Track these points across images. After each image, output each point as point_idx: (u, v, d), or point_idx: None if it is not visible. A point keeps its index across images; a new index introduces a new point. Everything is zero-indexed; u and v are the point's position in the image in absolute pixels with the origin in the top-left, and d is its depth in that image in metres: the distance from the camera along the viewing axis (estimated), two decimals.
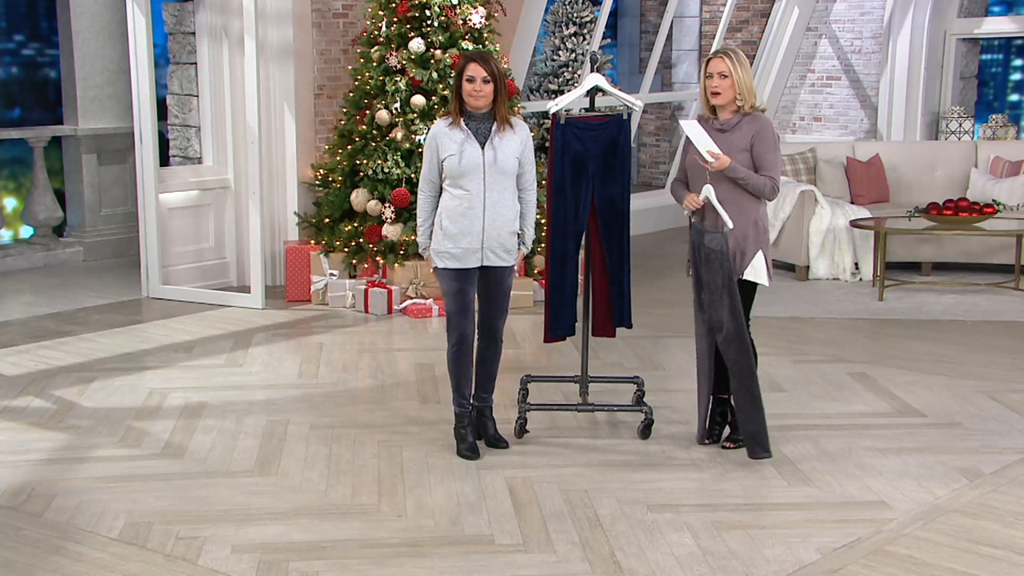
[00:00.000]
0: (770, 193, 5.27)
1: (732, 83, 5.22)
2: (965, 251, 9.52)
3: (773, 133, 5.30)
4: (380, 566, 4.29)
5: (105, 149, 10.38)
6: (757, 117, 5.28)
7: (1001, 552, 4.44)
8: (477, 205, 5.24)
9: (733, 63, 5.20)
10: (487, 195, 5.24)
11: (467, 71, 5.21)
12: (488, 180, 5.24)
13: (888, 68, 12.06)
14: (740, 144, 5.24)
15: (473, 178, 5.22)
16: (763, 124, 5.27)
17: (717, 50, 5.31)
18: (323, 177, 8.76)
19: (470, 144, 5.22)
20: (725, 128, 5.27)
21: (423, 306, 8.25)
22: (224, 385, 6.59)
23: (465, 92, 5.22)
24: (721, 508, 4.86)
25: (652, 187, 13.28)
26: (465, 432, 5.45)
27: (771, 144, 5.27)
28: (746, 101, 5.25)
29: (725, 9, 12.49)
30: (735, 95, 5.24)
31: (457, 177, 5.23)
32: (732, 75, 5.21)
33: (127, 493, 4.97)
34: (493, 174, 5.25)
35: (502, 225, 5.29)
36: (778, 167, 5.29)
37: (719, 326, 5.29)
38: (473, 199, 5.24)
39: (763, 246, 5.29)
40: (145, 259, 8.83)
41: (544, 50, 11.43)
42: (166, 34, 9.42)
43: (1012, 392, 6.51)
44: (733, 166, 5.19)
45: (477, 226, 5.25)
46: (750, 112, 5.27)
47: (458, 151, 5.21)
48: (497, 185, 5.26)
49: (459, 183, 5.24)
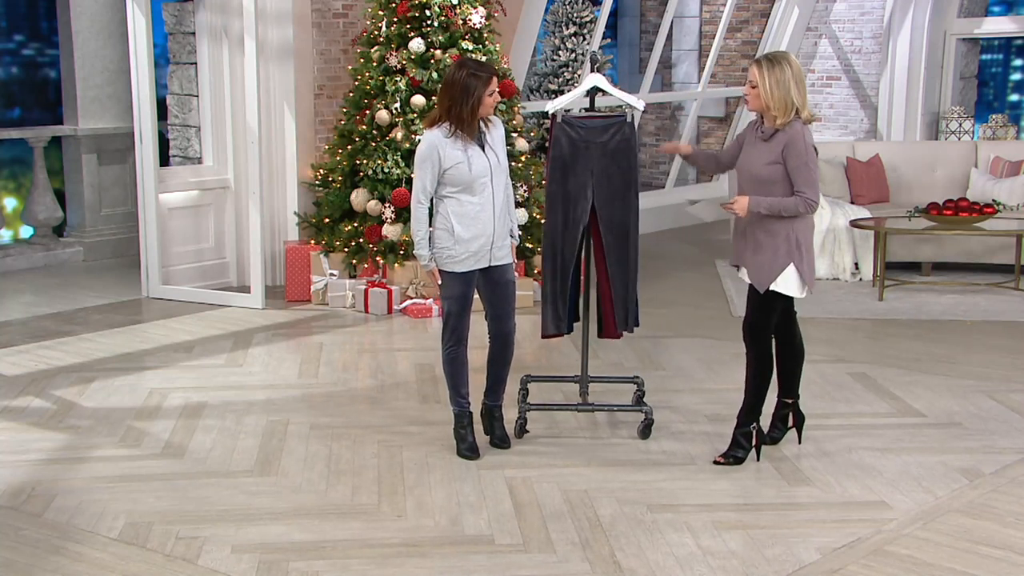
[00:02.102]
0: (805, 209, 5.11)
1: (759, 93, 5.10)
2: (965, 251, 9.52)
3: (804, 144, 5.10)
4: (380, 566, 4.29)
5: (105, 149, 10.38)
6: (791, 127, 5.11)
7: (1001, 552, 4.44)
8: (488, 207, 5.27)
9: (762, 73, 5.07)
10: (495, 196, 5.29)
11: (491, 86, 5.18)
12: (495, 182, 5.28)
13: (888, 68, 12.06)
14: (773, 155, 5.12)
15: (483, 183, 5.24)
16: (792, 136, 5.09)
17: (759, 56, 5.19)
18: (323, 177, 8.76)
19: (473, 150, 5.23)
20: (765, 136, 5.19)
21: (423, 306, 8.25)
22: (224, 385, 6.59)
23: (488, 106, 5.20)
24: (721, 508, 4.86)
25: (652, 187, 13.28)
26: (465, 432, 5.45)
27: (801, 156, 5.08)
28: (779, 113, 5.08)
29: (725, 9, 12.50)
30: (763, 106, 5.13)
31: (468, 184, 5.22)
32: (760, 87, 5.09)
33: (127, 493, 4.97)
34: (499, 175, 5.30)
35: (505, 222, 5.37)
36: (812, 180, 5.10)
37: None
38: (485, 202, 5.26)
39: (796, 259, 5.19)
40: (145, 259, 8.83)
41: (544, 50, 11.43)
42: (166, 34, 9.42)
43: (1012, 392, 6.51)
44: (754, 204, 5.12)
45: (489, 228, 5.28)
46: (783, 126, 5.11)
47: (465, 159, 5.20)
48: (500, 185, 5.32)
49: (470, 189, 5.23)
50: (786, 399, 5.58)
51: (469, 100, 5.14)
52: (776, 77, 5.06)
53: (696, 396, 6.29)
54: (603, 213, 5.63)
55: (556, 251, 5.65)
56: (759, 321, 5.29)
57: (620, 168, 5.62)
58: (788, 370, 5.54)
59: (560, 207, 5.63)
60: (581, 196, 5.62)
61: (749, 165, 5.25)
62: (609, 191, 5.62)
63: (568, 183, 5.62)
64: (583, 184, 5.62)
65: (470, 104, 5.15)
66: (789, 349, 5.52)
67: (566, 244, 5.65)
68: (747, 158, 5.28)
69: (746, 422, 5.36)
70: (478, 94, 5.15)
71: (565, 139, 5.61)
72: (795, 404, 5.59)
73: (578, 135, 5.61)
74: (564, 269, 5.66)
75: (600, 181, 5.62)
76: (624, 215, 5.63)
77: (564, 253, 5.65)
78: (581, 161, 5.61)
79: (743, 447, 5.36)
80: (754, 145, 5.26)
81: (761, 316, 5.29)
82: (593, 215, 5.65)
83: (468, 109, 5.15)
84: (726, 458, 5.36)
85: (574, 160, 5.61)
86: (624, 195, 5.62)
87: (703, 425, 5.86)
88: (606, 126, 5.62)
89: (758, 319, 5.29)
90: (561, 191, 5.63)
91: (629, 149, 5.63)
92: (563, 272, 5.66)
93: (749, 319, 5.33)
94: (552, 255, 5.66)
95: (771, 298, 5.24)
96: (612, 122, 5.63)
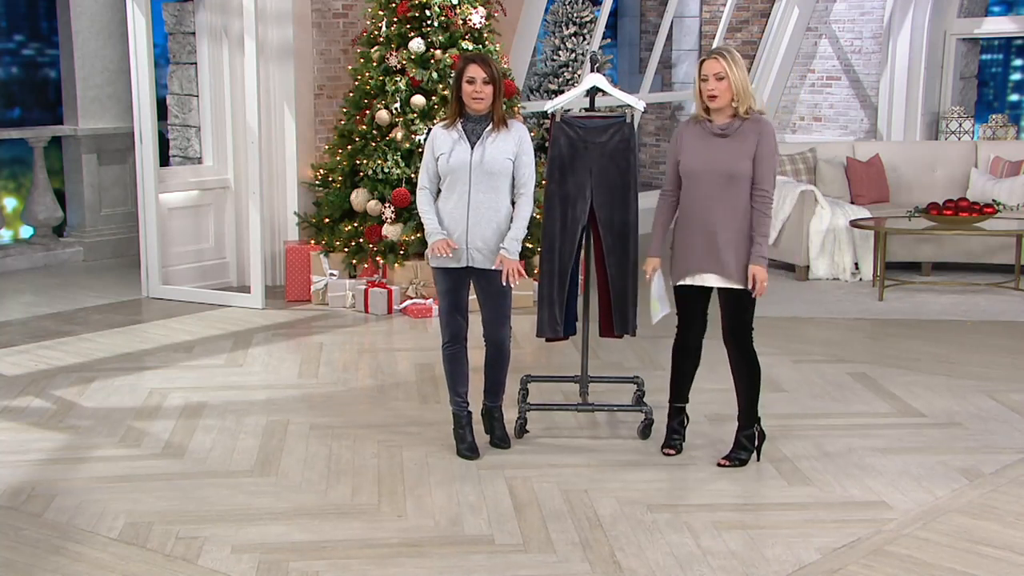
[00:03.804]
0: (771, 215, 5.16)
1: (729, 84, 5.01)
2: (965, 251, 9.52)
3: (776, 140, 5.13)
4: (380, 566, 4.29)
5: (105, 149, 10.38)
6: (760, 121, 5.09)
7: (1001, 552, 4.44)
8: (462, 205, 5.26)
9: (729, 64, 4.99)
10: (472, 195, 5.25)
11: (467, 72, 5.20)
12: (474, 180, 5.24)
13: (888, 68, 12.06)
14: (746, 150, 5.05)
15: (459, 178, 5.24)
16: (768, 130, 5.08)
17: (712, 50, 5.09)
18: (323, 177, 8.76)
19: (460, 144, 5.24)
20: (727, 132, 5.08)
21: (423, 306, 8.24)
22: (224, 385, 6.59)
23: (465, 94, 5.22)
24: (721, 508, 4.86)
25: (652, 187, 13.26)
26: (464, 432, 5.45)
27: (773, 152, 5.08)
28: (742, 103, 5.05)
29: (725, 9, 12.49)
30: (732, 97, 5.05)
31: (446, 176, 5.27)
32: (728, 76, 4.99)
33: (127, 493, 4.97)
34: (479, 174, 5.23)
35: (486, 226, 5.25)
36: (775, 172, 5.13)
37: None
38: (459, 199, 5.26)
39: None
40: (145, 259, 8.83)
41: (544, 50, 11.43)
42: (166, 34, 9.42)
43: (1012, 392, 6.51)
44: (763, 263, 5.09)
45: (462, 225, 5.26)
46: (748, 115, 5.09)
47: (448, 151, 5.23)
48: (483, 185, 5.24)
49: (448, 182, 5.28)
50: (682, 404, 5.55)
51: (455, 87, 5.27)
52: (740, 65, 5.04)
53: (696, 396, 6.27)
54: (602, 214, 5.63)
55: (554, 252, 5.65)
56: (748, 322, 5.26)
57: (619, 169, 5.61)
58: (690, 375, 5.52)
59: (558, 207, 5.63)
60: (580, 196, 5.61)
61: (717, 164, 5.09)
62: (608, 192, 5.62)
63: (567, 183, 5.61)
64: (582, 184, 5.61)
65: (454, 92, 5.28)
66: (698, 357, 5.49)
67: (564, 244, 5.64)
68: (709, 158, 5.11)
69: (749, 424, 5.36)
70: (456, 82, 5.24)
71: (564, 139, 5.61)
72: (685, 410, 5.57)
73: (577, 135, 5.60)
74: (562, 270, 5.65)
75: (599, 182, 5.61)
76: (624, 216, 5.62)
77: (562, 254, 5.64)
78: (580, 161, 5.60)
79: (747, 448, 5.36)
80: (711, 143, 5.11)
81: (747, 317, 5.25)
82: (592, 216, 5.65)
83: (453, 96, 5.29)
84: (731, 460, 5.34)
85: (573, 160, 5.61)
86: (623, 196, 5.61)
87: (703, 425, 5.86)
88: (605, 126, 5.61)
89: (746, 320, 5.26)
90: (559, 191, 5.62)
91: (628, 150, 5.62)
92: (561, 273, 5.65)
93: (733, 323, 5.25)
94: (550, 256, 5.65)
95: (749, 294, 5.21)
96: (611, 122, 5.62)
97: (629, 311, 5.68)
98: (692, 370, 5.50)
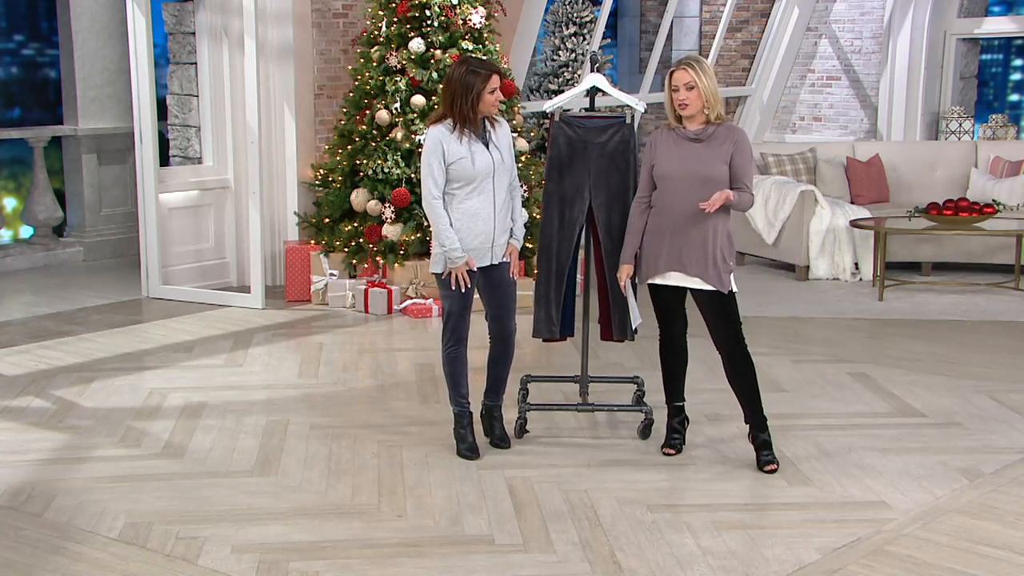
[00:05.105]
0: (750, 206, 5.22)
1: (699, 93, 5.09)
2: (965, 251, 9.52)
3: (750, 142, 5.25)
4: (380, 566, 4.29)
5: (105, 149, 10.38)
6: (732, 128, 5.20)
7: (1001, 552, 4.44)
8: (488, 205, 5.26)
9: (698, 73, 5.08)
10: (496, 194, 5.28)
11: (491, 83, 5.18)
12: (497, 179, 5.27)
13: (888, 68, 12.05)
14: (722, 155, 5.14)
15: (485, 179, 5.24)
16: (741, 134, 5.20)
17: (680, 60, 5.18)
18: (323, 177, 8.76)
19: (477, 146, 5.22)
20: (701, 137, 5.16)
21: (423, 306, 8.25)
22: (224, 385, 6.59)
23: (489, 104, 5.20)
24: (721, 508, 4.86)
25: None
26: (465, 432, 5.45)
27: (749, 154, 5.20)
28: (713, 109, 5.14)
29: (725, 9, 12.49)
30: (703, 105, 5.13)
31: (470, 180, 5.22)
32: (698, 85, 5.08)
33: (127, 493, 4.97)
34: (501, 173, 5.28)
35: (505, 222, 5.35)
36: (752, 176, 5.23)
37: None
38: (486, 200, 5.26)
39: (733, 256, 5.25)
40: (145, 259, 8.83)
41: (544, 50, 11.43)
42: (166, 34, 9.42)
43: (1012, 392, 6.51)
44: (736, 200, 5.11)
45: (489, 226, 5.27)
46: (719, 121, 5.17)
47: (468, 154, 5.20)
48: (502, 183, 5.31)
49: (471, 185, 5.23)
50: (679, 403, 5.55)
51: (469, 96, 5.17)
52: (708, 74, 5.11)
53: (696, 396, 6.28)
54: (601, 215, 5.61)
55: (551, 252, 5.64)
56: (735, 322, 5.24)
57: (619, 169, 5.60)
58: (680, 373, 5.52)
59: (556, 207, 5.62)
60: (578, 196, 5.61)
61: (693, 168, 5.14)
62: (607, 192, 5.60)
63: (565, 183, 5.61)
64: (580, 184, 5.61)
65: (470, 100, 5.17)
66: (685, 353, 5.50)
67: (561, 245, 5.63)
68: (684, 162, 5.16)
69: (763, 427, 5.31)
70: (477, 90, 5.16)
71: (563, 138, 5.61)
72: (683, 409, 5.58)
73: (576, 135, 5.60)
74: (559, 270, 5.64)
75: (598, 182, 5.60)
76: (623, 217, 5.58)
77: (559, 254, 5.63)
78: (578, 161, 5.60)
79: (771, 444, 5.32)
80: (686, 148, 5.17)
81: (733, 316, 5.24)
82: (591, 216, 5.64)
83: (468, 105, 5.18)
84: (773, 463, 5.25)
85: (571, 160, 5.60)
86: (623, 197, 5.58)
87: (703, 425, 5.86)
88: (605, 126, 5.61)
89: (732, 320, 5.24)
90: (558, 191, 5.62)
91: (628, 150, 5.61)
92: (558, 273, 5.64)
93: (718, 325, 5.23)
94: (547, 256, 5.65)
95: (733, 296, 5.22)
96: (611, 123, 5.62)
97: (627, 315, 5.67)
98: (682, 367, 5.51)
